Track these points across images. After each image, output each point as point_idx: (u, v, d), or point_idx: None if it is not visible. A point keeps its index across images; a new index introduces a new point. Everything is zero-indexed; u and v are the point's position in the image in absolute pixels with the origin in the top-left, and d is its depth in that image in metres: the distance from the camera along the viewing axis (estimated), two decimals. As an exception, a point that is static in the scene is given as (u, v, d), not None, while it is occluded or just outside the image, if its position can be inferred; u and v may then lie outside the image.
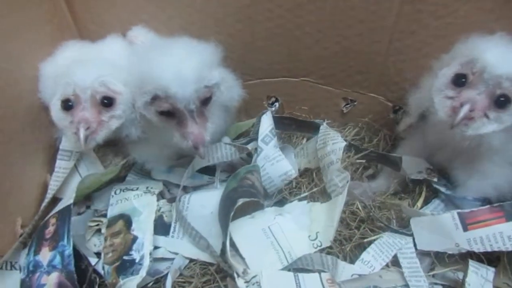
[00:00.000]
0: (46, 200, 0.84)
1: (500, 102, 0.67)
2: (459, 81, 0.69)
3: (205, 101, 0.71)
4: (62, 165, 0.86)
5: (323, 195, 0.83)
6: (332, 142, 0.81)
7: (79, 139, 0.73)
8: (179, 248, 0.79)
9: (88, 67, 0.76)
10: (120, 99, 0.75)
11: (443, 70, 0.71)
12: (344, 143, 0.80)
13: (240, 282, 0.68)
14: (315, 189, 0.84)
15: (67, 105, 0.74)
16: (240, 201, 0.72)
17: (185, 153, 0.86)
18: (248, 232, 0.76)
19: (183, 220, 0.79)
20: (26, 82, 0.84)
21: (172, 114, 0.70)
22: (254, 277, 0.68)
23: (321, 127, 0.87)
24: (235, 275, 0.69)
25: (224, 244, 0.71)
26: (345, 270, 0.72)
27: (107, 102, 0.74)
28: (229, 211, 0.71)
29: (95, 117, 0.74)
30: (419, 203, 0.84)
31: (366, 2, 0.83)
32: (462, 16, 0.80)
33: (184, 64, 0.68)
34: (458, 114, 0.66)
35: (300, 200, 0.82)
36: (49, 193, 0.85)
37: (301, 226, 0.78)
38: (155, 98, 0.69)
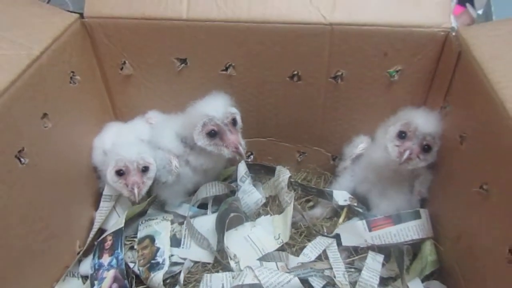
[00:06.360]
0: (94, 230, 1.08)
1: (425, 148, 0.96)
2: (401, 135, 0.97)
3: (233, 123, 1.01)
4: (105, 205, 1.11)
5: (280, 210, 1.13)
6: (282, 175, 1.13)
7: (134, 196, 1.01)
8: (188, 254, 1.06)
9: (132, 147, 1.05)
10: (151, 167, 1.04)
11: (390, 128, 0.99)
12: (289, 175, 1.12)
13: (232, 263, 1.01)
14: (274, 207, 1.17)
15: (120, 173, 1.02)
16: (232, 214, 1.04)
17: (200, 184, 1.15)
18: (234, 240, 1.06)
19: (192, 229, 1.10)
20: (84, 150, 1.11)
21: (215, 134, 0.99)
22: (239, 261, 1.03)
23: (277, 167, 1.18)
24: (229, 258, 1.01)
25: (221, 241, 1.02)
26: (293, 260, 1.02)
27: (145, 169, 1.04)
28: (224, 220, 1.02)
29: (140, 179, 1.03)
30: (341, 220, 1.12)
31: (301, 88, 1.08)
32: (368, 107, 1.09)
33: (216, 102, 1.01)
34: (403, 157, 0.95)
35: (265, 215, 1.14)
36: (95, 226, 1.10)
37: (268, 232, 1.09)
38: (204, 125, 0.99)
